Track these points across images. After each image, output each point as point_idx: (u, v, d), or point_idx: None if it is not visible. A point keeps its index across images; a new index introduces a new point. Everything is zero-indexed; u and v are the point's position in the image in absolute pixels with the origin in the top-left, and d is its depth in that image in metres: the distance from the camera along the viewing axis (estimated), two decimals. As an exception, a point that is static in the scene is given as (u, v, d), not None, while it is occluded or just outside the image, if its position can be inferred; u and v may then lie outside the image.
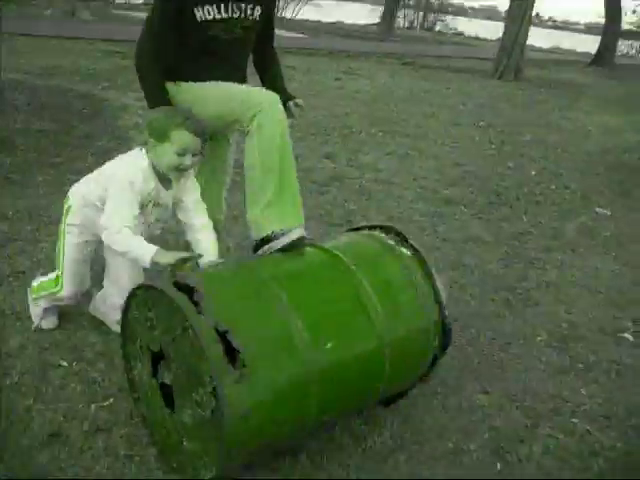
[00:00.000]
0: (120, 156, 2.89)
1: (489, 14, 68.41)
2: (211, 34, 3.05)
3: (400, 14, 32.37)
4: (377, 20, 32.11)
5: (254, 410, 2.13)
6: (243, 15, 3.10)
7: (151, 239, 2.75)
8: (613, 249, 5.37)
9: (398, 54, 18.70)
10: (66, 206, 2.95)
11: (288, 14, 36.05)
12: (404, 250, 2.78)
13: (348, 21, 33.16)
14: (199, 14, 2.99)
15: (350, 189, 5.91)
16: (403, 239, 2.83)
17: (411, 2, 36.75)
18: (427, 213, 5.55)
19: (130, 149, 2.91)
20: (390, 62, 16.54)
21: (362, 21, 34.56)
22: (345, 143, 7.53)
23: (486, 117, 10.34)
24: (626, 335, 3.92)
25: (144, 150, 2.76)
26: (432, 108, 10.57)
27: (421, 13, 38.55)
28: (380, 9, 33.40)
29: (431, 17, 39.16)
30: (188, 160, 2.72)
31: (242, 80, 3.33)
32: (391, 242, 2.83)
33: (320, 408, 2.32)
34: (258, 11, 3.16)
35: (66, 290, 3.06)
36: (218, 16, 3.03)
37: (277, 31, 3.62)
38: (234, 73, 3.25)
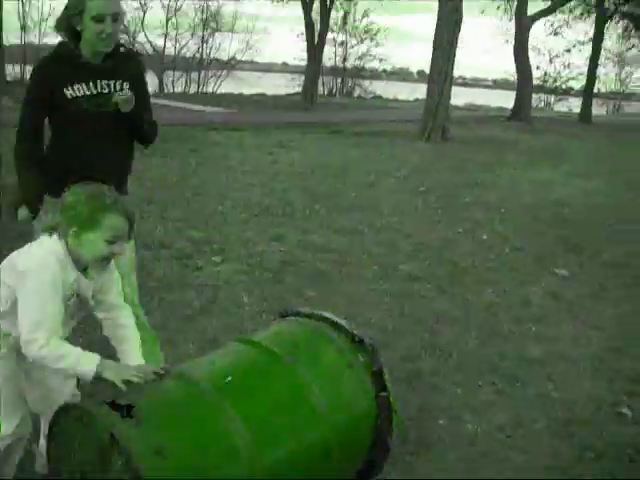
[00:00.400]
0: (23, 249, 2.35)
1: (403, 76, 70.48)
2: (82, 111, 3.13)
3: (319, 82, 32.81)
4: (298, 89, 32.48)
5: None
6: (111, 90, 3.19)
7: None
8: (581, 312, 5.26)
9: (324, 122, 18.77)
10: None
11: (209, 89, 36.30)
12: (337, 334, 2.68)
13: (269, 92, 33.44)
14: (69, 92, 3.11)
15: (305, 274, 5.63)
16: (332, 322, 2.72)
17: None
18: (390, 293, 5.31)
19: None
20: (318, 132, 16.53)
21: (283, 91, 34.95)
22: (291, 222, 7.28)
23: (424, 182, 10.29)
24: (624, 411, 3.72)
25: (55, 237, 2.28)
26: (369, 177, 10.48)
27: (339, 79, 39.27)
28: (299, 77, 33.88)
29: (349, 83, 39.92)
30: (119, 248, 2.30)
31: (121, 160, 3.37)
32: (323, 327, 2.72)
33: None
34: (127, 86, 3.23)
35: (4, 428, 2.38)
36: (89, 92, 3.14)
37: (200, 107, 3.46)
38: (108, 153, 3.23)
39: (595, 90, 30.78)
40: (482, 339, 4.58)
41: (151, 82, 35.24)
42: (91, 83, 3.15)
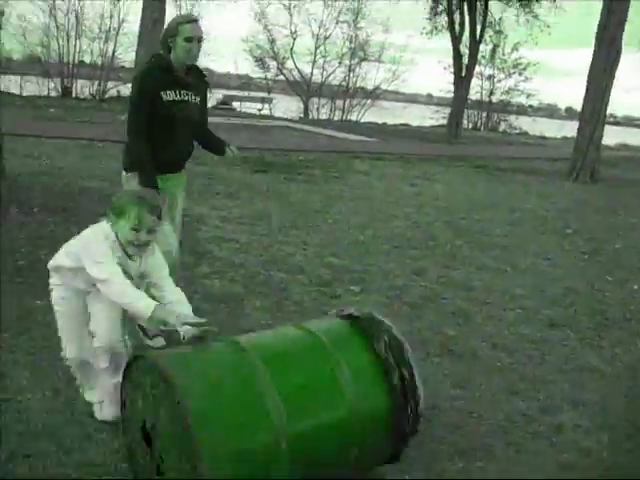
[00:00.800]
0: (87, 229, 3.11)
1: (550, 112, 68.51)
2: (172, 112, 4.18)
3: (464, 115, 32.46)
4: (442, 121, 32.36)
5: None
6: (191, 99, 4.30)
7: None
8: None
9: (469, 156, 18.56)
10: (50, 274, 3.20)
11: (353, 117, 36.81)
12: (385, 339, 2.95)
13: (414, 123, 33.47)
14: (165, 96, 4.15)
15: (445, 311, 5.53)
16: (386, 328, 3.00)
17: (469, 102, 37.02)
18: (532, 339, 5.11)
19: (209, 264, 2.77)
20: (462, 165, 16.36)
21: (427, 123, 34.89)
22: (433, 257, 7.20)
23: (571, 223, 9.93)
24: None
25: (108, 224, 3.03)
26: (514, 214, 10.23)
27: (484, 113, 38.77)
28: (444, 110, 33.74)
29: (495, 117, 39.32)
30: (143, 236, 2.96)
31: (192, 149, 4.52)
32: (373, 330, 3.00)
33: (291, 467, 2.55)
34: (198, 98, 4.39)
35: (68, 352, 3.23)
36: (177, 98, 4.20)
37: (344, 135, 3.72)
38: (189, 145, 4.46)
39: None
40: (632, 398, 4.30)
41: (296, 107, 36.18)
42: (178, 91, 4.21)
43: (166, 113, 4.16)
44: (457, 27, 27.92)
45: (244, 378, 2.62)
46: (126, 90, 24.37)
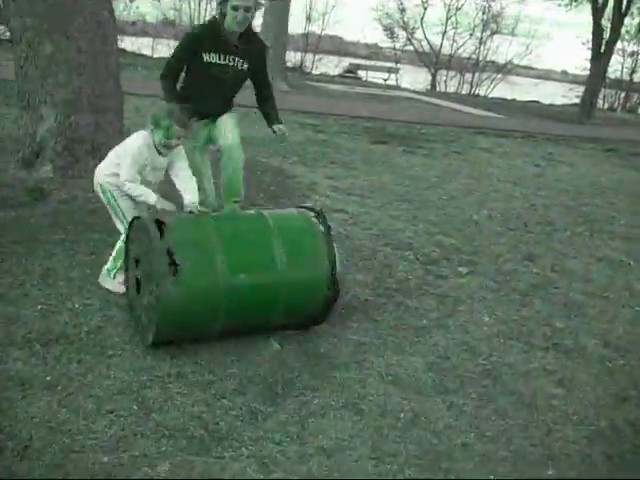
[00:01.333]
0: (133, 134, 4.10)
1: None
2: (211, 71, 4.73)
3: (599, 94, 30.70)
4: (576, 100, 30.80)
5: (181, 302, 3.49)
6: (234, 64, 4.78)
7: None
8: None
9: (600, 138, 17.59)
10: (100, 188, 4.17)
11: (482, 91, 35.76)
12: (321, 226, 4.00)
13: (545, 101, 32.11)
14: (206, 57, 4.68)
15: (556, 302, 5.20)
16: (323, 218, 4.04)
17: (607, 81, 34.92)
18: (651, 340, 4.73)
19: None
20: (592, 147, 15.51)
21: (560, 101, 33.39)
22: (548, 243, 6.80)
23: None
24: None
25: (149, 131, 4.01)
26: (645, 203, 9.56)
27: (623, 93, 36.60)
28: (578, 88, 32.11)
29: (635, 97, 37.02)
30: (173, 142, 3.99)
31: (229, 106, 5.04)
32: (313, 219, 4.03)
33: (228, 312, 3.63)
34: (245, 65, 4.84)
35: (123, 228, 4.16)
36: (220, 61, 4.72)
37: (470, 109, 3.43)
38: (224, 101, 4.96)
39: None
40: None
41: (423, 79, 35.47)
42: (222, 55, 4.69)
43: (203, 72, 4.72)
44: (600, -2, 26.32)
45: (202, 238, 3.66)
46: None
